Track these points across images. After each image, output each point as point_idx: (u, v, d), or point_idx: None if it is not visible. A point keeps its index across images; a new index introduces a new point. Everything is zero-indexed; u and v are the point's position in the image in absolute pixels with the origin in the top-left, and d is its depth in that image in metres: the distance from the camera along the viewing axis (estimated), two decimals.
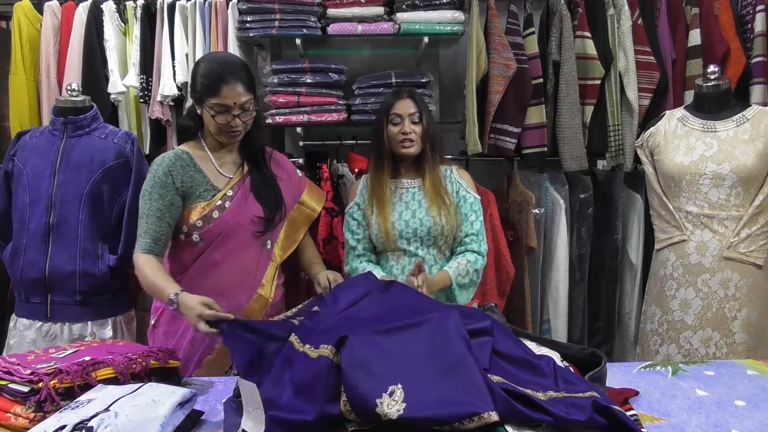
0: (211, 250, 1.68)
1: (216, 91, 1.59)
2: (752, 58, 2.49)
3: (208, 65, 1.65)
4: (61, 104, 2.01)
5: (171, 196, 1.65)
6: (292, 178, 1.87)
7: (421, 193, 1.89)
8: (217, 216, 1.67)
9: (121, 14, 2.55)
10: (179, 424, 1.18)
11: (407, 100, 1.89)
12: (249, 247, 1.71)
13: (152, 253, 1.62)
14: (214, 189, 1.69)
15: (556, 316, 2.59)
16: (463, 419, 1.00)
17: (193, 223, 1.66)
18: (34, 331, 1.98)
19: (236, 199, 1.70)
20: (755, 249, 1.91)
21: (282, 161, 1.89)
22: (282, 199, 1.77)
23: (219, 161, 1.73)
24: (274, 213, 1.73)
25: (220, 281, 1.68)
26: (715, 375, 1.51)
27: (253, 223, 1.70)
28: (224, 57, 1.84)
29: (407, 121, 1.86)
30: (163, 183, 1.64)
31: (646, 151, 2.14)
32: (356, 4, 2.46)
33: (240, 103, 1.62)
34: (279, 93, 2.49)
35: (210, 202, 1.67)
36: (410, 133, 1.85)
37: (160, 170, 1.66)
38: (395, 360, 1.13)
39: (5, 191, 2.03)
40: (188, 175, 1.67)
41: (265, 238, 1.74)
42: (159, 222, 1.63)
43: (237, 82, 1.60)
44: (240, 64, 1.67)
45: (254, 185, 1.73)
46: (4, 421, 1.20)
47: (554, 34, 2.50)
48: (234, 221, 1.68)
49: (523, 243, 2.52)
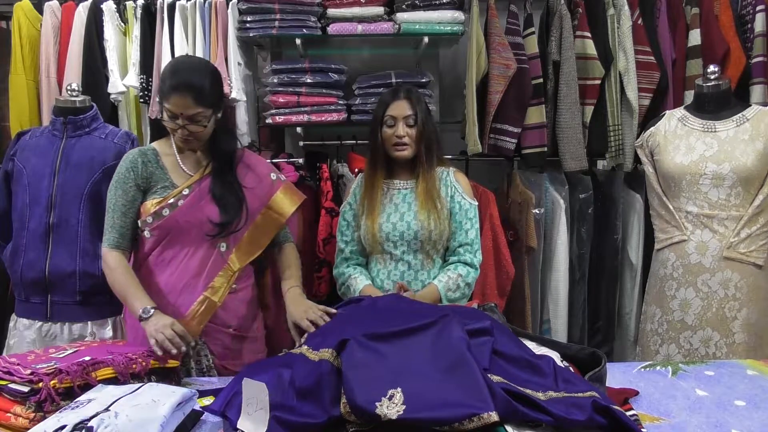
0: (162, 247, 1.69)
1: (166, 97, 1.60)
2: (752, 58, 2.49)
3: (169, 69, 1.66)
4: (61, 104, 2.01)
5: (132, 191, 1.67)
6: (263, 181, 1.80)
7: (413, 195, 1.85)
8: (167, 213, 1.66)
9: (121, 14, 2.55)
10: (179, 424, 1.18)
11: (403, 102, 1.83)
12: (199, 248, 1.68)
13: (120, 248, 1.68)
14: (173, 186, 1.69)
15: (556, 316, 2.59)
16: (462, 420, 1.00)
17: (145, 219, 1.67)
18: (34, 331, 1.98)
19: (190, 198, 1.67)
20: (755, 249, 1.91)
21: (254, 164, 1.82)
22: (244, 205, 1.71)
23: (184, 159, 1.73)
24: (231, 218, 1.67)
25: (169, 280, 1.68)
26: (715, 375, 1.51)
27: (206, 225, 1.66)
28: (188, 65, 1.71)
29: (401, 124, 1.81)
30: (125, 178, 1.67)
31: (646, 151, 2.14)
32: (356, 4, 2.46)
33: (187, 114, 1.60)
34: (279, 93, 2.49)
35: (163, 199, 1.67)
36: (404, 136, 1.80)
37: (123, 166, 1.69)
38: (395, 364, 1.13)
39: (5, 191, 2.03)
40: (149, 171, 1.68)
41: (218, 241, 1.70)
42: (123, 217, 1.67)
43: (186, 94, 1.57)
44: (198, 79, 1.60)
45: (213, 188, 1.69)
46: (4, 421, 1.20)
47: (554, 34, 2.50)
48: (184, 220, 1.66)
49: (523, 243, 2.52)
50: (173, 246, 1.68)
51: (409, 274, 1.83)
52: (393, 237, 1.83)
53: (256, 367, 1.29)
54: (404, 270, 1.83)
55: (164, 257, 1.69)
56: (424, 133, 1.84)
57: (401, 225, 1.82)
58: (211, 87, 1.64)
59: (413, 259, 1.83)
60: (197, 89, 1.59)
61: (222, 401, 1.22)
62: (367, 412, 1.04)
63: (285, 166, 2.53)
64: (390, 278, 1.84)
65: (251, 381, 1.17)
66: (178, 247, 1.68)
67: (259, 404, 1.15)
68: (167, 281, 1.68)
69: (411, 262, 1.83)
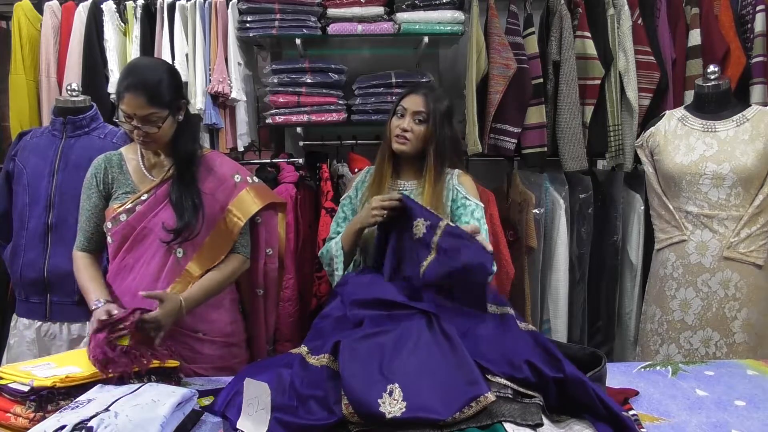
0: (123, 252, 1.67)
1: (120, 96, 1.56)
2: (752, 58, 2.49)
3: (125, 69, 1.62)
4: (61, 104, 2.01)
5: (96, 197, 1.68)
6: (224, 183, 1.72)
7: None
8: (124, 219, 1.64)
9: (121, 14, 2.55)
10: (179, 424, 1.18)
11: (419, 97, 1.73)
12: (156, 255, 1.66)
13: (86, 251, 1.70)
14: (135, 191, 1.67)
15: (556, 316, 2.59)
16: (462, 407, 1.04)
17: (107, 224, 1.67)
18: (34, 331, 1.98)
19: (147, 204, 1.65)
20: (755, 249, 1.91)
21: (216, 166, 1.73)
22: (200, 213, 1.63)
23: (148, 164, 1.70)
24: (186, 225, 1.60)
25: (131, 285, 1.65)
26: (715, 375, 1.51)
27: (161, 232, 1.62)
28: (143, 65, 1.66)
29: (409, 117, 1.72)
30: (89, 184, 1.69)
31: (646, 151, 2.14)
32: (356, 4, 2.46)
33: (140, 115, 1.54)
34: (279, 93, 2.49)
35: (122, 204, 1.65)
36: (408, 131, 1.71)
37: (90, 172, 1.70)
38: (389, 360, 1.15)
39: (6, 191, 2.04)
40: (111, 176, 1.68)
41: (175, 247, 1.64)
42: (88, 222, 1.69)
43: (139, 93, 1.53)
44: (152, 76, 1.56)
45: (171, 193, 1.63)
46: (4, 421, 1.20)
47: (554, 34, 2.50)
48: (140, 226, 1.64)
49: (523, 243, 2.52)
50: (134, 251, 1.66)
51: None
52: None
53: (256, 367, 1.30)
54: None
55: (126, 263, 1.67)
56: (434, 135, 1.72)
57: None
58: (167, 87, 1.58)
59: None
60: (150, 89, 1.54)
61: (222, 401, 1.22)
62: (370, 412, 1.05)
63: (285, 166, 2.53)
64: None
65: (253, 381, 1.17)
66: (138, 253, 1.66)
67: (260, 404, 1.15)
68: (129, 286, 1.65)
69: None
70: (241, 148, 2.62)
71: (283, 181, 2.44)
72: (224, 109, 2.55)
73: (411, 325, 1.25)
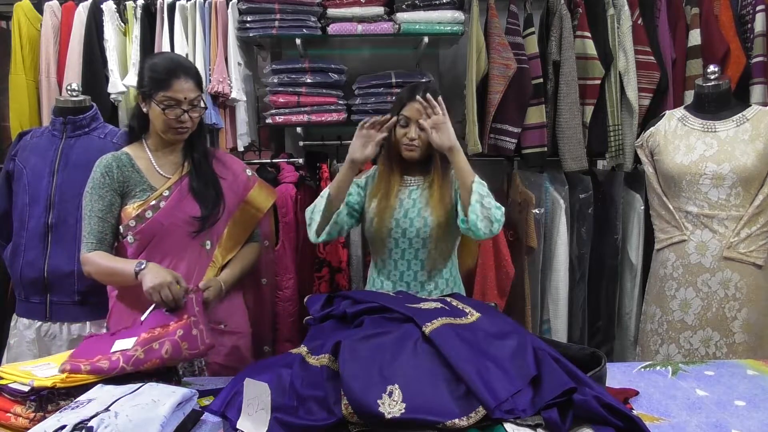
0: (147, 252, 1.68)
1: (167, 84, 1.62)
2: (752, 58, 2.49)
3: (160, 61, 1.68)
4: (61, 104, 2.01)
5: (110, 196, 1.67)
6: (238, 178, 1.83)
7: (418, 192, 1.82)
8: (150, 216, 1.66)
9: (121, 14, 2.55)
10: (179, 424, 1.18)
11: (418, 105, 1.74)
12: (186, 249, 1.69)
13: (99, 251, 1.68)
14: (151, 189, 1.69)
15: (556, 316, 2.59)
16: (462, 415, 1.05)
17: (127, 224, 1.66)
18: (34, 331, 1.98)
19: (171, 199, 1.68)
20: (755, 249, 1.91)
21: (228, 162, 1.86)
22: (222, 199, 1.74)
23: (159, 162, 1.73)
24: (210, 211, 1.70)
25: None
26: (715, 375, 1.51)
27: (189, 224, 1.68)
28: (178, 56, 1.92)
29: (414, 126, 1.75)
30: (101, 184, 1.67)
31: (646, 151, 2.14)
32: (356, 4, 2.46)
33: (190, 98, 1.64)
34: (279, 93, 2.49)
35: (144, 202, 1.67)
36: (416, 139, 1.75)
37: (98, 171, 1.69)
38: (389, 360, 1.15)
39: (6, 191, 2.04)
40: (125, 175, 1.69)
41: (203, 238, 1.72)
42: (101, 222, 1.67)
43: (188, 78, 1.64)
44: (191, 64, 1.74)
45: (192, 185, 1.71)
46: (4, 421, 1.20)
47: (554, 34, 2.50)
48: (168, 221, 1.66)
49: (523, 243, 2.52)
50: (160, 247, 1.68)
51: (408, 275, 1.83)
52: (395, 234, 1.80)
53: (256, 367, 1.30)
54: (404, 270, 1.83)
55: (152, 260, 1.66)
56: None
57: (404, 222, 1.79)
58: (198, 74, 1.71)
59: (413, 258, 1.82)
60: (196, 74, 1.68)
61: (222, 401, 1.22)
62: (370, 413, 1.05)
63: (285, 166, 2.53)
64: (390, 279, 1.83)
65: (253, 381, 1.17)
66: (165, 248, 1.68)
67: (260, 405, 1.15)
68: None
69: (410, 261, 1.82)
70: (241, 148, 2.62)
71: (283, 181, 2.44)
72: (224, 109, 2.54)
73: (412, 327, 1.25)
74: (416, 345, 1.20)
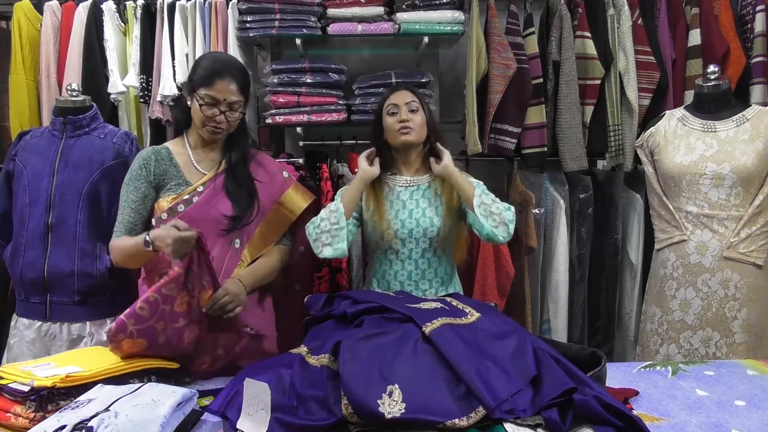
0: None
1: (210, 82, 1.64)
2: (752, 58, 2.50)
3: (211, 59, 1.73)
4: (61, 104, 2.01)
5: (144, 188, 1.69)
6: (274, 179, 1.84)
7: (420, 192, 1.83)
8: (182, 210, 1.67)
9: (121, 14, 2.55)
10: (179, 424, 1.18)
11: (404, 92, 1.84)
12: (215, 246, 1.69)
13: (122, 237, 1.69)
14: (186, 184, 1.70)
15: (556, 316, 2.59)
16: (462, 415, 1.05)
17: (159, 216, 1.67)
18: (34, 331, 1.98)
19: (205, 195, 1.69)
20: (755, 249, 1.91)
21: (266, 163, 1.86)
22: (256, 199, 1.74)
23: (197, 158, 1.75)
24: (243, 211, 1.71)
25: None
26: (715, 375, 1.51)
27: (219, 221, 1.69)
28: (229, 57, 1.93)
29: (404, 109, 1.80)
30: (137, 176, 1.70)
31: (646, 151, 2.14)
32: (356, 4, 2.46)
33: (229, 101, 1.66)
34: (279, 93, 2.49)
35: (178, 196, 1.68)
36: (408, 120, 1.78)
37: (136, 164, 1.71)
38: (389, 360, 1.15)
39: (6, 191, 2.04)
40: (162, 168, 1.70)
41: (233, 237, 1.72)
42: (133, 213, 1.69)
43: (232, 80, 1.66)
44: (240, 68, 1.73)
45: (227, 184, 1.72)
46: (4, 421, 1.20)
47: (554, 34, 2.50)
48: (199, 217, 1.66)
49: (523, 243, 2.52)
50: None
51: (416, 273, 1.83)
52: (401, 234, 1.81)
53: (256, 367, 1.30)
54: (411, 269, 1.83)
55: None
56: (429, 122, 1.84)
57: (410, 222, 1.80)
58: (247, 79, 1.73)
59: (420, 257, 1.82)
60: (242, 78, 1.70)
61: (222, 401, 1.22)
62: (370, 412, 1.05)
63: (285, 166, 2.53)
64: (397, 279, 1.83)
65: (253, 381, 1.17)
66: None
67: (260, 404, 1.15)
68: None
69: (417, 261, 1.82)
70: None
71: None
72: None
73: (412, 327, 1.25)
74: (416, 345, 1.20)
